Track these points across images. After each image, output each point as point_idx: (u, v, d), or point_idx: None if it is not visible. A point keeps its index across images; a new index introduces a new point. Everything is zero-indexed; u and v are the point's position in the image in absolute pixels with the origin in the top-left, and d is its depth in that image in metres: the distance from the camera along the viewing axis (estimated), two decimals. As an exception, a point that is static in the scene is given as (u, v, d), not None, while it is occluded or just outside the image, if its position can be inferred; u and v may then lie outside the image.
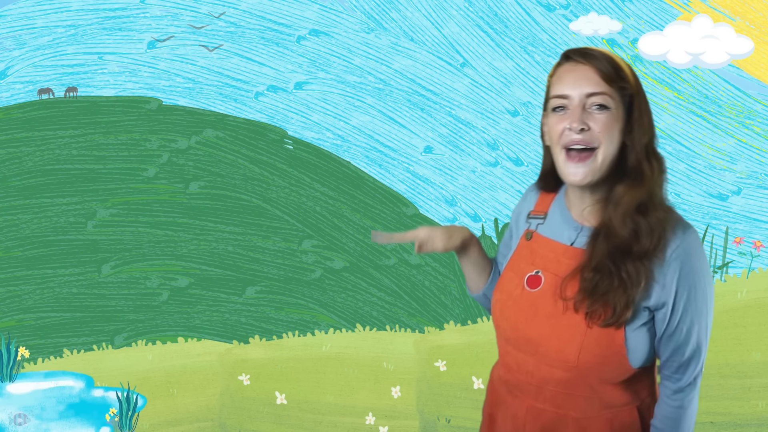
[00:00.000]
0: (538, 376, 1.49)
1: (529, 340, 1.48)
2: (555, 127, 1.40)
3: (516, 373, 1.53)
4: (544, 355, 1.46)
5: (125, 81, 3.40)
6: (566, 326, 1.42)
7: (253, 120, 3.44)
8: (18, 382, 3.32)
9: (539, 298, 1.47)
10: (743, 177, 3.34)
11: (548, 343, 1.44)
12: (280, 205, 3.44)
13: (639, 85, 1.41)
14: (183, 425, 3.32)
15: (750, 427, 3.14)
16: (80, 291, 3.39)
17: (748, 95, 3.34)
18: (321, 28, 3.43)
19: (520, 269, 1.53)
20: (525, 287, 1.50)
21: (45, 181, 3.40)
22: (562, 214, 1.52)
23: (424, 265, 3.44)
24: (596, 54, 1.39)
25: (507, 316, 1.52)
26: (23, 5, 3.41)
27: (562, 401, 1.48)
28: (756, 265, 3.28)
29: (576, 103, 1.37)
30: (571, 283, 1.42)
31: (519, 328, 1.49)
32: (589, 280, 1.39)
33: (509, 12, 3.40)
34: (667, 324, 1.43)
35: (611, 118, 1.37)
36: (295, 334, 3.42)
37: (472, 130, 3.43)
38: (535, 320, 1.46)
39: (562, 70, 1.42)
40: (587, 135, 1.36)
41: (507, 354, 1.56)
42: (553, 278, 1.46)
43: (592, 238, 1.42)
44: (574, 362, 1.42)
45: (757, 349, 3.19)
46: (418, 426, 3.29)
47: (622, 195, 1.38)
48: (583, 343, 1.41)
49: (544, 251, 1.51)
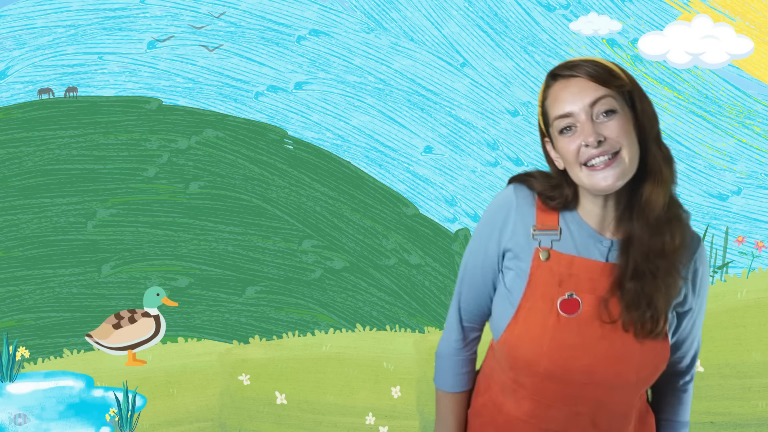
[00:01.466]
0: (591, 404, 1.39)
1: (581, 371, 1.35)
2: (568, 148, 1.32)
3: (559, 408, 1.41)
4: (599, 382, 1.36)
5: (125, 81, 3.40)
6: (620, 347, 1.35)
7: (253, 120, 3.44)
8: (18, 382, 3.32)
9: (582, 323, 1.35)
10: (743, 177, 3.34)
11: (605, 369, 1.35)
12: (280, 205, 3.44)
13: (632, 78, 1.36)
14: (183, 425, 3.32)
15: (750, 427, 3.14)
16: (80, 291, 3.39)
17: (748, 95, 3.34)
18: (321, 28, 3.43)
19: (546, 295, 1.37)
20: (560, 314, 1.35)
21: (45, 181, 3.40)
22: (583, 228, 1.39)
23: (424, 265, 3.44)
24: (582, 63, 1.33)
25: (546, 351, 1.35)
26: (23, 5, 3.41)
27: (615, 422, 1.43)
28: (756, 265, 3.28)
29: (583, 118, 1.30)
30: (611, 301, 1.34)
31: (567, 362, 1.35)
32: (633, 291, 1.32)
33: (509, 12, 3.40)
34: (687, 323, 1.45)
35: (622, 120, 1.31)
36: (295, 334, 3.42)
37: (472, 130, 3.43)
38: (585, 347, 1.34)
39: (555, 90, 1.34)
40: (606, 145, 1.29)
41: (543, 392, 1.40)
42: (591, 299, 1.35)
43: (623, 247, 1.35)
44: (634, 380, 1.37)
45: (757, 349, 3.19)
46: (418, 426, 3.29)
47: (648, 196, 1.32)
48: (641, 358, 1.35)
49: (574, 270, 1.36)
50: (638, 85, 1.36)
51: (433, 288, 3.43)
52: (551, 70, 1.37)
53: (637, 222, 1.33)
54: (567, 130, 1.32)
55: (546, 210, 1.40)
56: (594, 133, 1.28)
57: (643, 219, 1.33)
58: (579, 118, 1.30)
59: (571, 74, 1.32)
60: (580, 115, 1.30)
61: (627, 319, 1.34)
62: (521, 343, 1.38)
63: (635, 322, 1.33)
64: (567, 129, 1.32)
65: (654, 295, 1.32)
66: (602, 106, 1.30)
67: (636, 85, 1.36)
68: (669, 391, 1.58)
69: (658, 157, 1.35)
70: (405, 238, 3.44)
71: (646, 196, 1.33)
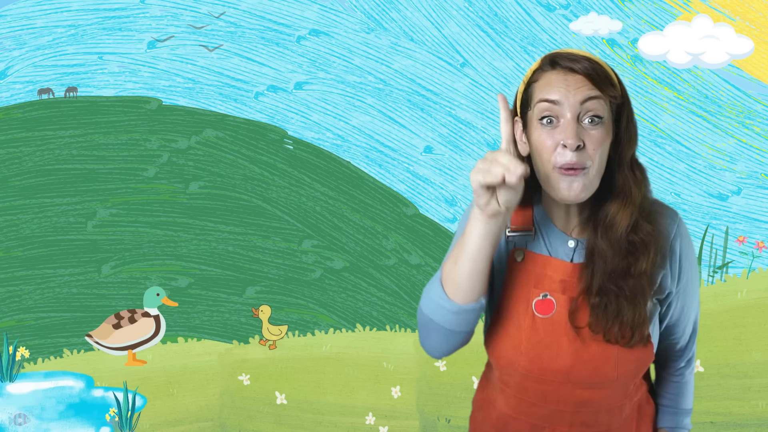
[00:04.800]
0: (572, 402, 1.38)
1: (558, 371, 1.35)
2: (544, 141, 1.26)
3: (542, 406, 1.40)
4: (578, 381, 1.35)
5: (125, 81, 3.40)
6: (595, 348, 1.34)
7: (253, 120, 3.44)
8: (18, 382, 3.32)
9: (556, 324, 1.34)
10: (743, 177, 3.34)
11: (581, 368, 1.34)
12: (280, 205, 3.44)
13: (626, 93, 1.33)
14: (183, 425, 3.32)
15: (750, 427, 3.14)
16: (80, 291, 3.39)
17: (748, 95, 3.34)
18: (321, 28, 3.43)
19: (521, 296, 1.37)
20: (535, 314, 1.34)
21: (45, 181, 3.40)
22: (550, 228, 1.38)
23: (424, 265, 3.44)
24: (584, 59, 1.28)
25: (523, 352, 1.35)
26: (23, 5, 3.41)
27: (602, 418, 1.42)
28: (756, 265, 3.28)
29: (569, 116, 1.24)
30: (580, 309, 1.33)
31: (543, 362, 1.35)
32: (597, 305, 1.31)
33: (509, 12, 3.40)
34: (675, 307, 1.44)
35: (603, 133, 1.26)
36: (295, 334, 3.42)
37: (472, 130, 3.43)
38: (560, 350, 1.34)
39: (549, 75, 1.29)
40: (581, 154, 1.24)
41: (526, 390, 1.40)
42: (564, 300, 1.34)
43: (588, 260, 1.32)
44: (614, 376, 1.35)
45: (757, 349, 3.19)
46: (418, 426, 3.29)
47: (614, 215, 1.29)
48: (618, 357, 1.34)
49: (548, 271, 1.35)
50: (629, 102, 1.33)
51: (433, 288, 3.43)
52: (550, 55, 1.31)
53: (601, 239, 1.30)
54: (548, 122, 1.26)
55: (520, 208, 1.37)
56: (577, 136, 1.23)
57: (606, 238, 1.30)
58: (564, 112, 1.25)
59: (570, 67, 1.27)
60: (566, 111, 1.25)
61: (595, 329, 1.32)
62: (500, 343, 1.38)
63: (604, 334, 1.32)
64: (548, 120, 1.26)
65: (621, 311, 1.30)
66: (591, 108, 1.25)
67: (627, 102, 1.32)
68: (667, 378, 1.57)
69: (630, 179, 1.30)
70: (405, 238, 3.44)
71: (611, 215, 1.29)
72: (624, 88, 1.32)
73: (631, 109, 1.33)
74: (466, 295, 1.27)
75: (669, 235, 1.36)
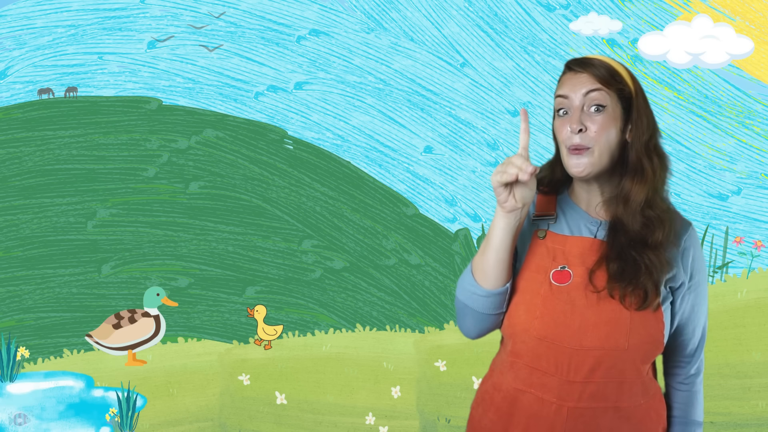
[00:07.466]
0: (583, 371, 1.46)
1: (571, 336, 1.45)
2: (559, 128, 1.50)
3: (553, 375, 1.48)
4: (590, 347, 1.45)
5: (125, 81, 3.40)
6: (609, 312, 1.45)
7: (253, 120, 3.44)
8: (18, 382, 3.32)
9: (572, 291, 1.47)
10: (743, 177, 3.34)
11: (594, 332, 1.44)
12: (280, 205, 3.44)
13: (638, 87, 1.51)
14: (183, 425, 3.32)
15: (750, 427, 3.14)
16: (80, 291, 3.39)
17: (748, 95, 3.34)
18: (321, 28, 3.43)
19: (540, 267, 1.51)
20: (552, 283, 1.48)
21: (45, 181, 3.40)
22: (575, 211, 1.55)
23: (424, 265, 3.44)
24: (594, 62, 1.49)
25: (539, 315, 1.47)
26: (23, 5, 3.41)
27: (610, 391, 1.48)
28: (756, 265, 3.28)
29: (576, 104, 1.47)
30: (598, 273, 1.46)
31: (558, 326, 1.46)
32: (616, 269, 1.44)
33: (509, 12, 3.40)
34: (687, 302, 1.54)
35: (607, 118, 1.45)
36: (295, 334, 3.42)
37: (472, 130, 3.43)
38: (575, 312, 1.46)
39: (564, 77, 1.53)
40: (584, 137, 1.45)
41: (539, 357, 1.49)
42: (581, 271, 1.48)
43: (610, 231, 1.49)
44: (625, 345, 1.45)
45: (757, 349, 3.19)
46: (418, 426, 3.29)
47: (629, 190, 1.46)
48: (631, 325, 1.44)
49: (567, 247, 1.51)
50: (643, 95, 1.51)
51: (433, 288, 3.43)
52: (568, 61, 1.55)
53: (621, 208, 1.47)
54: (563, 113, 1.49)
55: (544, 197, 1.59)
56: (578, 121, 1.45)
57: (623, 209, 1.47)
58: (572, 103, 1.47)
59: (580, 70, 1.49)
60: (574, 101, 1.47)
61: (612, 290, 1.45)
62: (517, 309, 1.51)
63: (620, 295, 1.44)
64: (563, 111, 1.49)
65: (637, 274, 1.43)
66: (594, 98, 1.46)
67: (640, 95, 1.50)
68: (677, 387, 1.65)
69: (644, 160, 1.47)
70: (405, 238, 3.44)
71: (626, 190, 1.47)
72: (637, 83, 1.51)
73: (645, 102, 1.51)
74: (492, 281, 1.49)
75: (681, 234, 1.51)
